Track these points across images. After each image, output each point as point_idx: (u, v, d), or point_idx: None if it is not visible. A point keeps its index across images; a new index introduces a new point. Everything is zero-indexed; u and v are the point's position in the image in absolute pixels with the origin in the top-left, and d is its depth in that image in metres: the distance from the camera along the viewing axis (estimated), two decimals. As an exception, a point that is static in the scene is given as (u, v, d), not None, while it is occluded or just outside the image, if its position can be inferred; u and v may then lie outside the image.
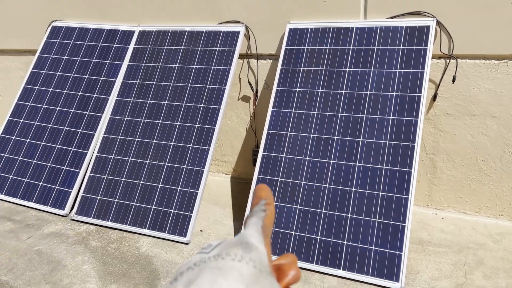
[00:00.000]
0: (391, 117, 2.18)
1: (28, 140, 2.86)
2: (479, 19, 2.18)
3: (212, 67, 2.66)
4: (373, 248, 1.99)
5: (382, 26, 2.35)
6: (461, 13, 2.21)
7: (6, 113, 3.85)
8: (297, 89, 2.42)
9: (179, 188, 2.42)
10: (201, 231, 2.43)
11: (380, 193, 2.07)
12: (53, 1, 3.27)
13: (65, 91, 2.93)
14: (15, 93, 3.73)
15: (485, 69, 2.24)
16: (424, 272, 2.01)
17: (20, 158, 2.82)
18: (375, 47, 2.33)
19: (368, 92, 2.27)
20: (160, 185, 2.46)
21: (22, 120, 2.95)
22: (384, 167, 2.11)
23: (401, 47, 2.28)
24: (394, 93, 2.21)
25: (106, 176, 2.58)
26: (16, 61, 3.65)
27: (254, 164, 2.83)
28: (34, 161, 2.78)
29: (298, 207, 2.19)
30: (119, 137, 2.66)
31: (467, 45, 2.23)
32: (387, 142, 2.14)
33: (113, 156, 2.62)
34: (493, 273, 1.99)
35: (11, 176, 2.79)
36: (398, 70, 2.25)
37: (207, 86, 2.62)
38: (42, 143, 2.82)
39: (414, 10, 2.30)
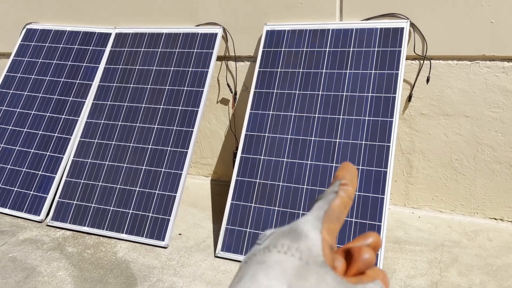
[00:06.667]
0: (367, 118, 2.20)
1: (1, 145, 2.80)
2: (451, 21, 2.22)
3: (190, 69, 2.65)
4: (350, 248, 2.00)
5: (358, 28, 2.38)
6: (434, 15, 2.25)
7: (-20, 117, 3.76)
8: (275, 91, 2.42)
9: (157, 192, 2.40)
10: (179, 234, 2.41)
11: (357, 193, 2.09)
12: (28, 3, 3.21)
13: (40, 95, 2.87)
14: (-10, 97, 3.65)
15: (458, 70, 2.28)
16: (401, 270, 2.04)
17: (-7, 163, 2.76)
18: (351, 49, 2.35)
19: (344, 93, 2.29)
20: (137, 188, 2.44)
21: (-5, 125, 2.88)
22: (360, 167, 2.13)
23: (376, 49, 2.31)
24: (370, 94, 2.24)
25: (82, 181, 2.54)
26: (-10, 64, 3.57)
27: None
28: (9, 167, 2.72)
29: (276, 208, 2.19)
30: (96, 140, 2.62)
31: (440, 46, 2.28)
32: (363, 142, 2.17)
33: (89, 160, 2.58)
34: (467, 270, 2.02)
35: (-16, 182, 2.72)
36: (373, 71, 2.28)
37: (185, 88, 2.61)
38: (17, 147, 2.76)
39: (388, 12, 2.34)
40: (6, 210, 2.61)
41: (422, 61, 2.33)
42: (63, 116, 2.76)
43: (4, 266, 2.15)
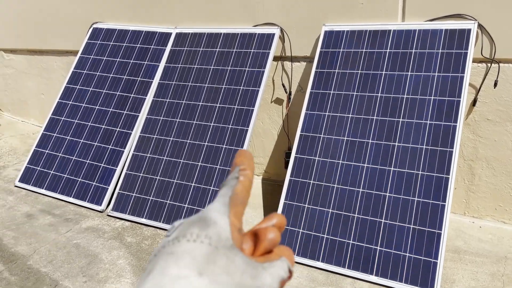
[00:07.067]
0: (428, 122, 2.14)
1: (68, 138, 2.98)
2: (524, 22, 2.11)
3: (247, 69, 2.68)
4: (408, 254, 1.96)
5: (421, 29, 2.31)
6: (504, 16, 2.14)
7: (48, 111, 4.01)
8: (332, 92, 2.41)
9: (212, 188, 2.46)
10: (232, 231, 2.45)
11: (416, 198, 2.03)
12: (95, 3, 3.39)
13: (104, 91, 3.03)
14: (57, 92, 3.89)
15: (529, 74, 2.16)
16: (460, 281, 1.96)
17: (60, 154, 2.94)
18: (413, 50, 2.29)
19: (405, 96, 2.23)
20: (193, 184, 2.50)
21: (63, 118, 3.07)
22: (420, 172, 2.06)
23: (440, 51, 2.24)
24: (432, 97, 2.17)
25: (141, 174, 2.64)
26: (58, 61, 3.80)
27: (286, 167, 2.83)
28: (74, 158, 2.88)
29: (330, 210, 2.18)
30: (155, 136, 2.72)
31: (510, 49, 2.16)
32: (424, 147, 2.10)
33: (148, 155, 2.68)
34: (534, 285, 1.91)
35: (52, 172, 2.90)
36: (436, 73, 2.20)
37: (241, 87, 2.65)
38: (82, 140, 2.92)
39: (455, 13, 2.25)
40: (71, 199, 2.77)
41: (489, 64, 2.23)
42: (125, 112, 2.88)
43: (69, 252, 2.28)
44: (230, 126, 2.58)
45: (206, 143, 2.59)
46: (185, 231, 0.27)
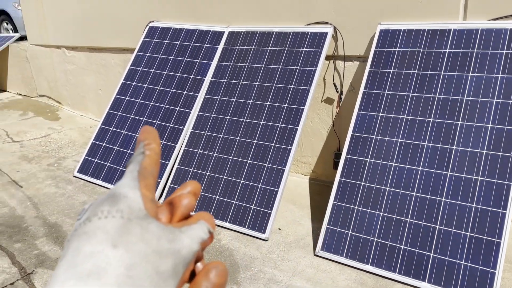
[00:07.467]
0: (489, 125, 2.04)
1: (124, 132, 3.11)
2: None
3: (298, 67, 2.68)
4: (463, 263, 1.88)
5: (484, 28, 2.20)
6: None
7: (105, 106, 4.20)
8: (386, 92, 2.35)
9: (260, 185, 2.48)
10: (279, 229, 2.46)
11: (474, 205, 1.94)
12: (151, 3, 3.51)
13: (158, 88, 3.13)
14: (113, 88, 4.07)
15: None
16: (521, 294, 1.85)
17: (116, 147, 3.07)
18: (475, 50, 2.19)
19: (465, 98, 2.14)
20: (242, 181, 2.54)
21: (119, 113, 3.20)
22: (479, 178, 1.97)
23: (504, 51, 2.12)
24: (495, 100, 2.06)
25: (192, 169, 2.71)
26: (115, 58, 3.97)
27: (335, 168, 2.80)
28: (129, 152, 3.00)
29: (381, 213, 2.13)
30: (206, 132, 2.78)
31: None
32: (484, 151, 2.01)
33: (199, 151, 2.75)
34: None
35: (108, 164, 3.04)
36: (500, 75, 2.09)
37: (292, 86, 2.65)
38: (136, 135, 3.04)
39: (522, 11, 2.13)
40: (125, 191, 2.88)
41: (560, 66, 2.09)
42: (178, 108, 2.97)
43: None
44: (279, 124, 2.59)
45: (255, 141, 2.61)
46: (96, 210, 0.27)
